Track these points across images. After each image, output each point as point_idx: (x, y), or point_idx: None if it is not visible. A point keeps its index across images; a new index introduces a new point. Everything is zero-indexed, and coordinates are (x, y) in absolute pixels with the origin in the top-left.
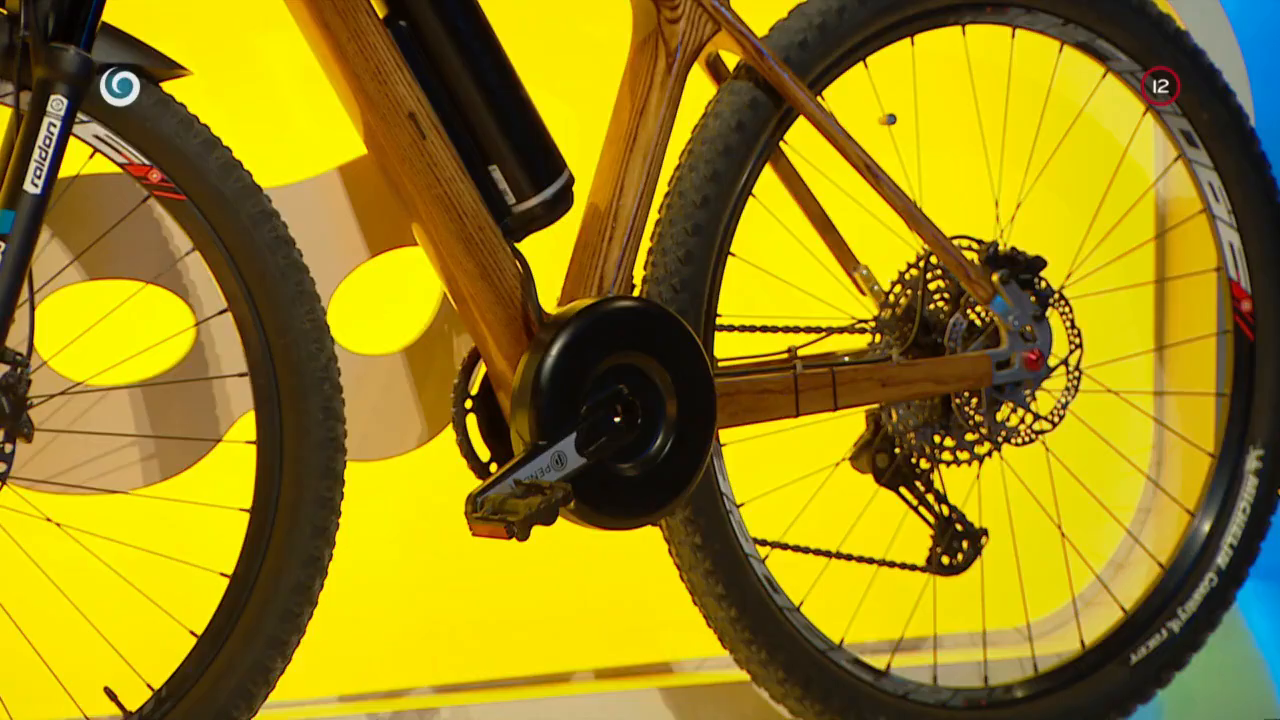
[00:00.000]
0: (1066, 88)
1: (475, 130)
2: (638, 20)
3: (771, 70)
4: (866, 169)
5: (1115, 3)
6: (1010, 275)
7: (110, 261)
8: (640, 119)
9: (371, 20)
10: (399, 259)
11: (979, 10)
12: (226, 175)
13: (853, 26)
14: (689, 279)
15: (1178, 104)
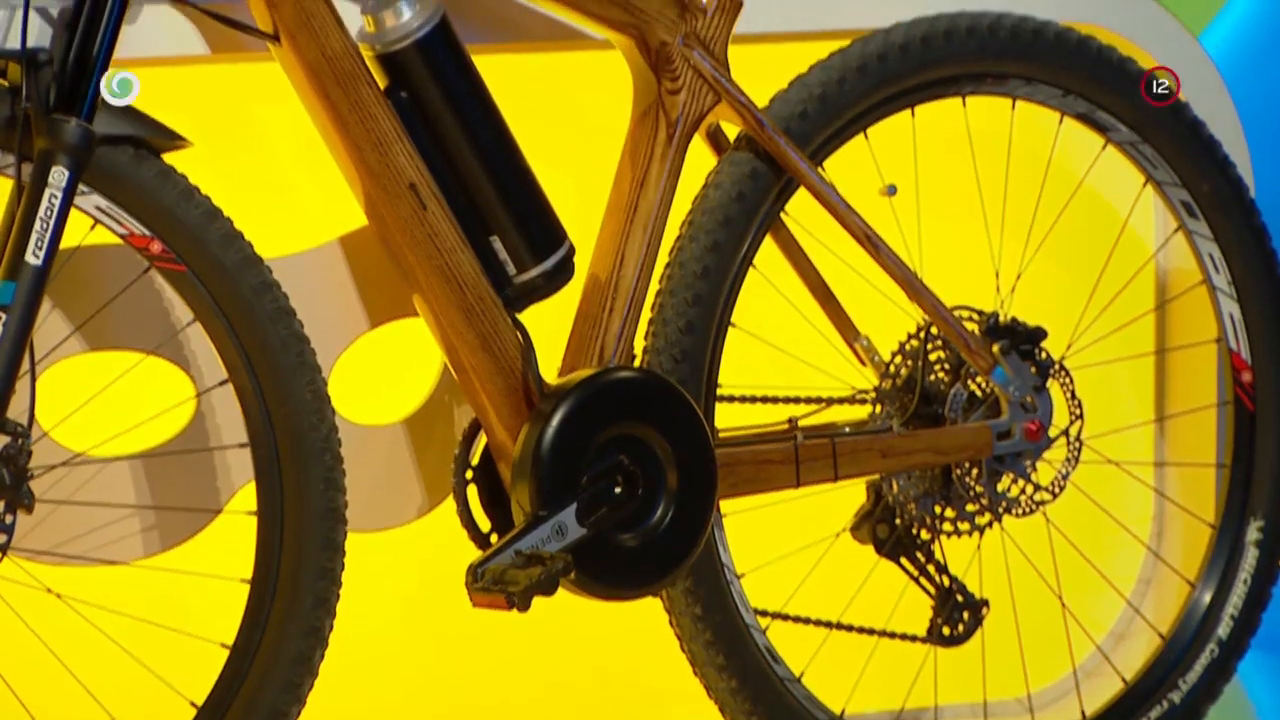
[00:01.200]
0: (1067, 159)
1: (476, 201)
2: (638, 91)
3: (772, 141)
4: (867, 239)
5: (1115, 74)
6: (1011, 346)
7: (111, 332)
8: (641, 189)
9: (373, 91)
10: (400, 329)
11: (979, 81)
12: (228, 246)
13: (853, 97)
14: (690, 349)
15: (1178, 175)
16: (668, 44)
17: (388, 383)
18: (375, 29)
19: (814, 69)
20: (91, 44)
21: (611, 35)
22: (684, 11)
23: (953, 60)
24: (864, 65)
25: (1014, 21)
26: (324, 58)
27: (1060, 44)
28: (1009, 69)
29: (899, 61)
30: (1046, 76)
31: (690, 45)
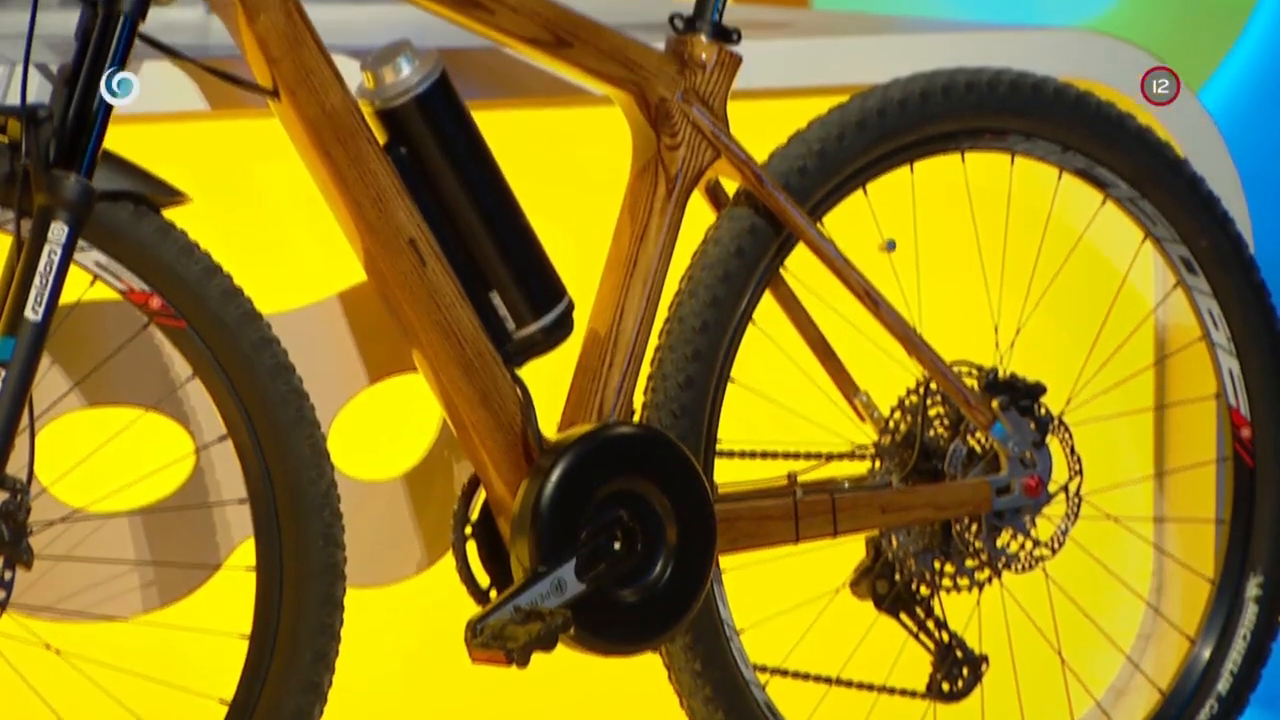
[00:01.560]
0: (1066, 214)
1: (475, 256)
2: (638, 146)
3: (771, 196)
4: (866, 295)
5: (1114, 130)
6: (1010, 401)
7: (110, 388)
8: (640, 244)
9: (372, 147)
10: (399, 385)
11: (978, 137)
12: (227, 302)
13: (852, 153)
14: (689, 405)
15: (1177, 231)
16: (667, 100)
17: (387, 438)
18: (375, 85)
19: (813, 125)
20: (91, 100)
21: (611, 91)
22: (683, 67)
23: (951, 116)
24: (863, 121)
25: (1013, 77)
26: (324, 113)
27: (1059, 99)
28: (1008, 124)
29: (898, 117)
30: (1045, 132)
31: (689, 101)
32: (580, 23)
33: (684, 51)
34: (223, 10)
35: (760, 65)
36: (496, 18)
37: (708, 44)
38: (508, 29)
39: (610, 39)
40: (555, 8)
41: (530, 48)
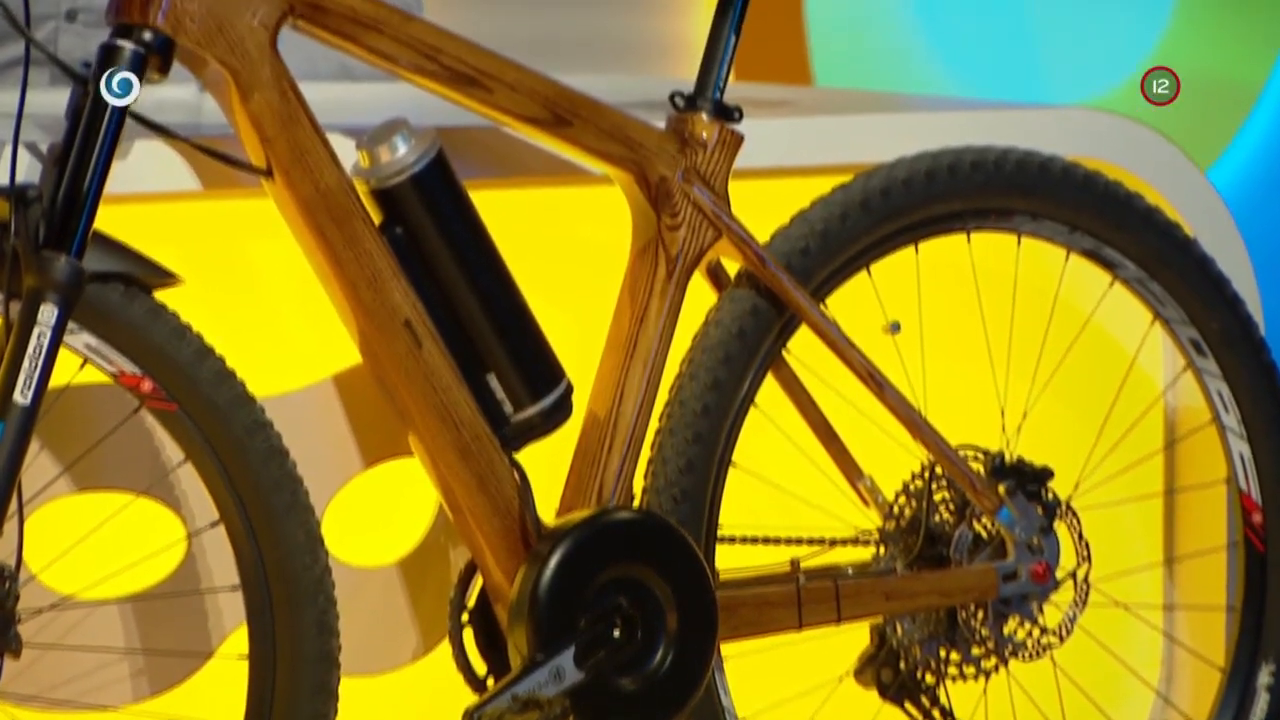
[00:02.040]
0: (1073, 295)
1: (472, 338)
2: (638, 226)
3: (773, 277)
4: (870, 377)
5: (1122, 210)
6: (1017, 486)
7: (101, 473)
8: (640, 326)
9: (367, 227)
10: (394, 470)
11: (984, 217)
12: (219, 385)
13: (856, 234)
14: (690, 489)
15: (1186, 313)
16: (667, 179)
17: (382, 523)
18: (370, 164)
19: (816, 204)
20: (81, 180)
21: (610, 170)
22: (684, 146)
23: (957, 196)
24: (867, 200)
25: (1019, 156)
26: (318, 193)
27: (1066, 179)
28: (1014, 204)
29: (902, 197)
30: (1052, 212)
31: (690, 181)
32: (579, 101)
33: (685, 130)
34: (216, 88)
35: (762, 143)
36: (494, 96)
37: (709, 122)
38: (506, 107)
39: (610, 117)
40: (554, 86)
41: (529, 126)
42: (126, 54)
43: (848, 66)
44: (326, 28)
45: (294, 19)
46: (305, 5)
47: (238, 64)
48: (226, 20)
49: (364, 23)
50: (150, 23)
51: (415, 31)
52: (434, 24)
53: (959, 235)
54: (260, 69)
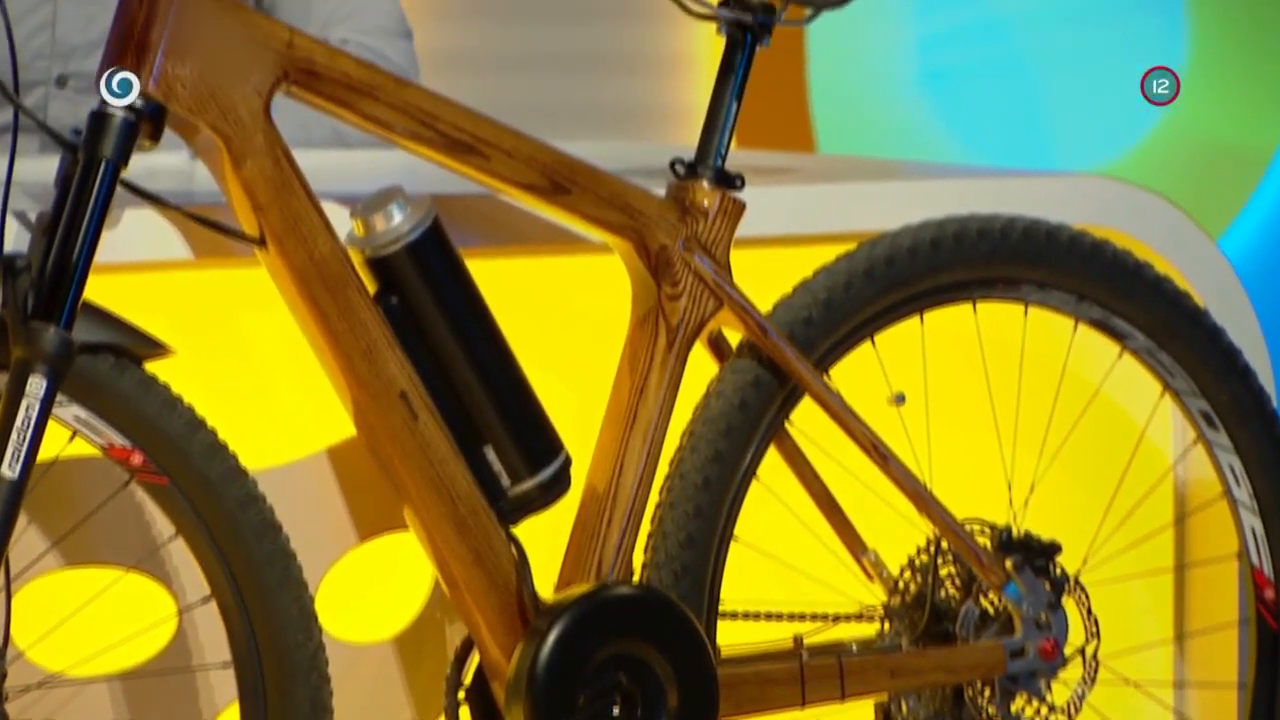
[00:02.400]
0: (1081, 366)
1: (469, 410)
2: (637, 296)
3: (775, 348)
4: (874, 449)
5: (1132, 280)
6: (1024, 561)
7: (90, 547)
8: (640, 398)
9: (362, 297)
10: (389, 543)
11: (990, 287)
12: (211, 458)
13: (859, 303)
14: (690, 564)
15: (1197, 384)
16: (668, 248)
17: (377, 599)
18: (365, 232)
19: (819, 273)
20: (71, 249)
21: (609, 239)
22: (685, 214)
23: (963, 265)
24: (870, 269)
25: (1026, 224)
26: (312, 262)
27: (1074, 248)
28: (1021, 274)
29: (907, 266)
30: (1060, 282)
31: (691, 249)
32: (578, 168)
33: (685, 198)
34: (207, 156)
35: (764, 211)
36: (492, 163)
37: (710, 190)
38: (503, 174)
39: (609, 185)
40: (552, 153)
41: (526, 194)
42: (117, 121)
43: (851, 133)
44: (321, 94)
45: (288, 85)
46: (299, 71)
47: (230, 131)
48: (219, 87)
49: (359, 88)
50: (142, 90)
51: (411, 97)
52: (430, 90)
53: (965, 305)
54: (253, 136)
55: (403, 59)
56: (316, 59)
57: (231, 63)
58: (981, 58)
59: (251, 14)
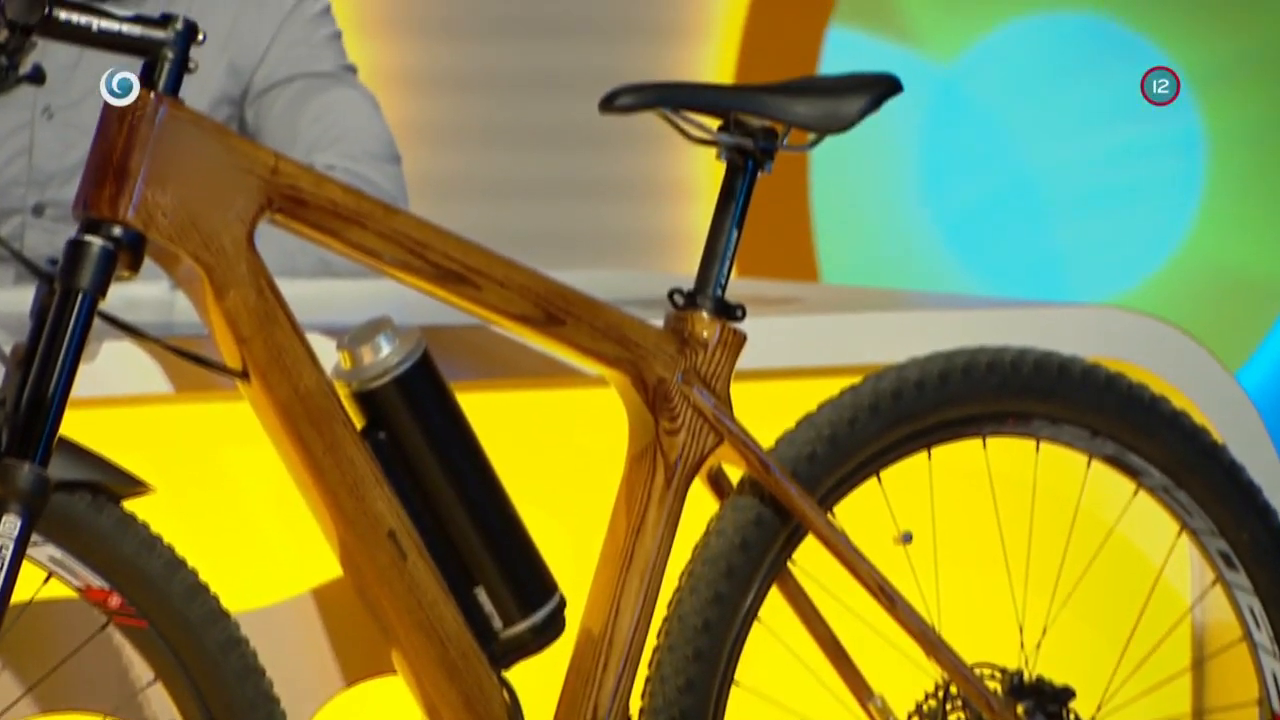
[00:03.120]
0: (1095, 504)
1: (460, 549)
2: (634, 431)
3: (778, 485)
4: (880, 591)
5: (1147, 415)
6: (1036, 707)
7: (66, 693)
8: (637, 537)
9: (349, 432)
10: (377, 688)
11: (1000, 421)
12: (191, 600)
13: (865, 439)
14: (690, 710)
15: (1215, 524)
16: (666, 381)
17: None
18: (352, 365)
19: (823, 408)
20: (46, 383)
21: (605, 371)
22: (683, 346)
23: (972, 399)
24: (876, 404)
25: (1037, 357)
26: (297, 396)
27: (1087, 382)
28: (1033, 408)
29: (914, 400)
30: (1073, 416)
31: (690, 382)
32: (573, 298)
33: (684, 329)
34: (189, 286)
35: (766, 343)
36: (483, 293)
37: (709, 321)
38: (495, 305)
39: (605, 315)
40: (546, 282)
41: (519, 325)
42: (95, 251)
43: (855, 262)
44: (306, 221)
45: (272, 213)
46: (284, 198)
47: (212, 260)
48: (201, 215)
49: (346, 216)
50: (120, 218)
51: (400, 225)
52: (419, 217)
53: (974, 440)
54: (236, 265)
55: (391, 185)
56: (302, 185)
57: (214, 190)
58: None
59: (235, 138)
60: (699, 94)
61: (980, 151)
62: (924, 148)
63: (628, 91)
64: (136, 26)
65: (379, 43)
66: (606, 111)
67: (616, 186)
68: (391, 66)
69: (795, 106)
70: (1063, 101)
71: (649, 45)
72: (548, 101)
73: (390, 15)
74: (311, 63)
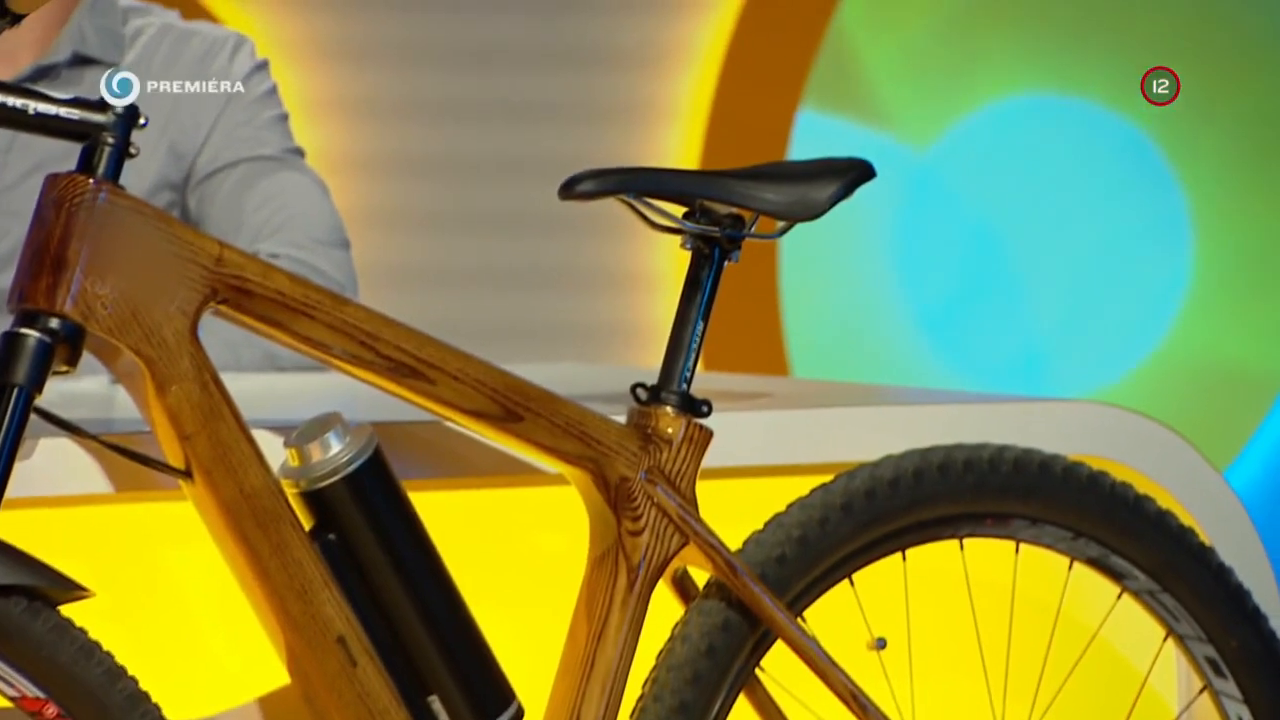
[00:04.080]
0: (1077, 608)
1: (413, 656)
2: (595, 531)
3: (746, 588)
4: (853, 699)
5: (1132, 515)
6: None
7: None
8: (599, 643)
9: (296, 533)
10: None
11: (978, 522)
12: (132, 709)
13: (836, 540)
14: None
15: (1203, 629)
16: (629, 480)
17: None
18: (300, 463)
19: (792, 508)
20: None
21: (565, 469)
22: (647, 443)
23: (948, 498)
24: (849, 503)
25: (1017, 455)
26: (242, 496)
27: (1069, 481)
28: (1012, 508)
29: (888, 499)
30: (1054, 517)
31: (654, 481)
32: (531, 393)
33: (648, 426)
34: (129, 380)
35: (734, 440)
36: (437, 388)
37: (674, 417)
38: (450, 400)
39: (565, 411)
40: (503, 377)
41: (475, 421)
42: (32, 344)
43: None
44: (252, 313)
45: (216, 304)
46: (229, 289)
47: (154, 354)
48: (142, 306)
49: (293, 307)
50: (58, 309)
51: (350, 316)
52: (370, 308)
53: (951, 542)
54: (178, 359)
55: (340, 273)
56: (248, 275)
57: (156, 280)
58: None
59: (178, 226)
60: (663, 180)
61: (957, 239)
62: (898, 236)
63: (588, 177)
64: (75, 110)
65: (328, 125)
66: (567, 198)
67: (577, 276)
68: (341, 149)
69: (763, 193)
70: (1043, 188)
71: (611, 129)
72: (506, 187)
73: (340, 96)
74: (257, 146)
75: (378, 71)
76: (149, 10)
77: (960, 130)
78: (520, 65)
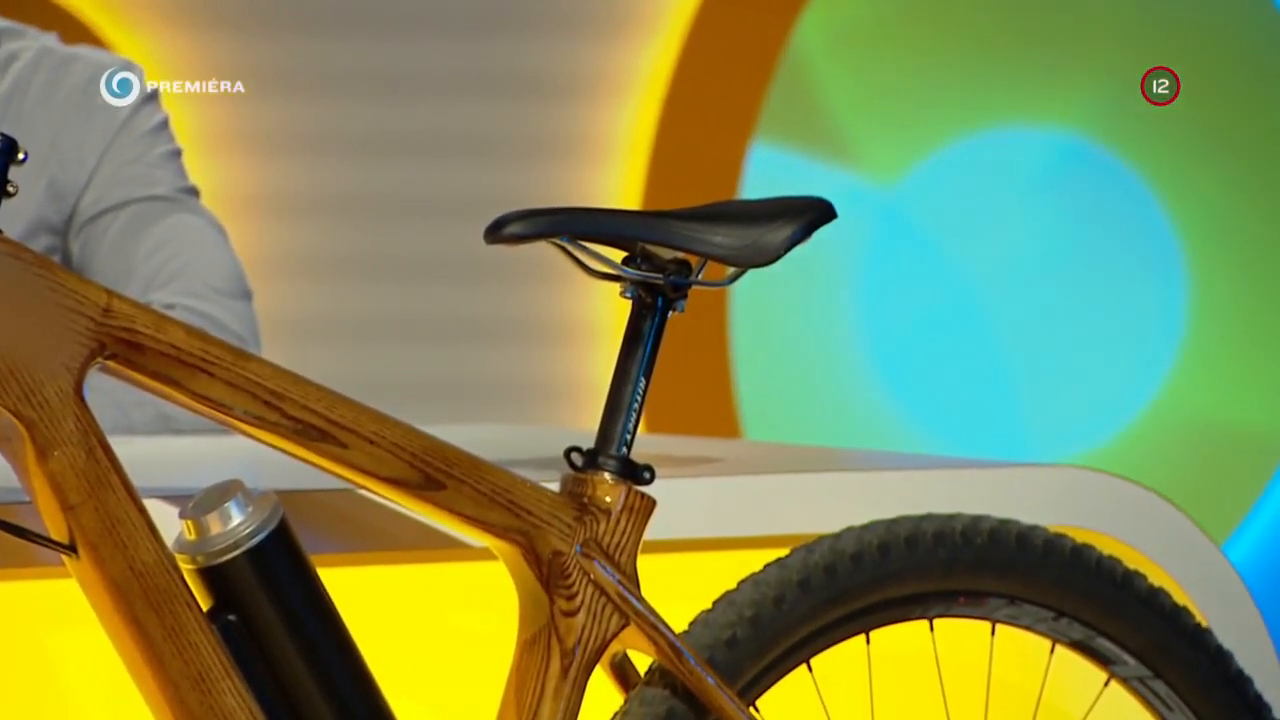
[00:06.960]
0: (1059, 696)
1: None
2: (526, 611)
3: (692, 674)
4: None
5: (1120, 593)
6: None
7: None
8: None
9: (193, 614)
10: None
11: (950, 601)
12: None
13: (793, 621)
14: None
15: (1198, 718)
16: (562, 554)
17: None
18: (197, 536)
19: (744, 584)
20: None
21: (492, 543)
22: (583, 514)
23: (917, 574)
24: (806, 580)
25: (992, 526)
26: (132, 573)
27: (1050, 555)
28: (987, 586)
29: (850, 576)
30: (1034, 595)
31: (590, 555)
32: (454, 458)
33: (584, 493)
34: (6, 445)
35: (680, 509)
36: (350, 452)
37: (613, 484)
38: (364, 466)
39: (492, 479)
40: (423, 440)
41: (392, 489)
42: None
43: (783, 415)
44: (144, 370)
45: (104, 359)
46: (118, 343)
47: (34, 415)
48: (20, 363)
49: (190, 363)
50: None
51: (253, 373)
52: (275, 365)
53: (920, 623)
54: (62, 421)
55: (241, 325)
56: (140, 328)
57: (37, 333)
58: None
59: (61, 273)
60: (600, 221)
61: (926, 287)
62: (861, 283)
63: (518, 218)
64: None
65: (226, 161)
66: (493, 241)
67: (506, 328)
68: (242, 188)
69: (712, 236)
70: (1021, 231)
71: (544, 164)
72: (427, 229)
73: (239, 129)
74: (147, 185)
75: (283, 101)
76: (24, 33)
77: (929, 166)
78: (443, 93)
